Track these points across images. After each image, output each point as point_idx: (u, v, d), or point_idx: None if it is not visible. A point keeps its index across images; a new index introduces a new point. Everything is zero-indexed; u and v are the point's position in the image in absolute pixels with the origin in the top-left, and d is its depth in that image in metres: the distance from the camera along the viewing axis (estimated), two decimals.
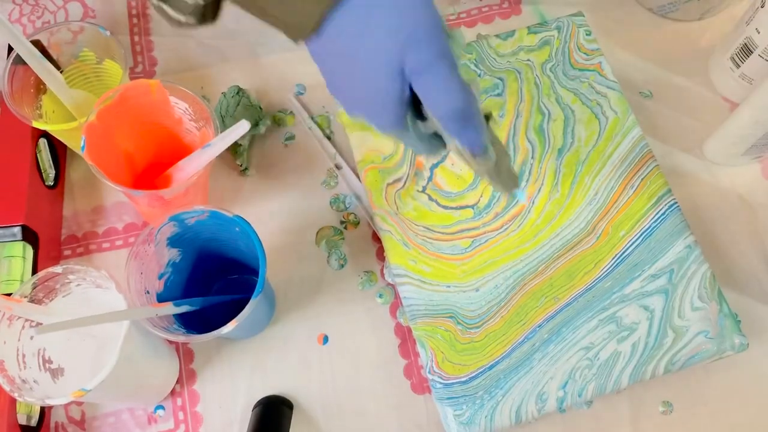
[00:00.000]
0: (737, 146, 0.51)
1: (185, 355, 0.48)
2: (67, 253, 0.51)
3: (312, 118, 0.55)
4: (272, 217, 0.52)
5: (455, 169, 0.49)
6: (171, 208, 0.41)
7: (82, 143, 0.41)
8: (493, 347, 0.44)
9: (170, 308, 0.39)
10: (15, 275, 0.46)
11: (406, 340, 0.48)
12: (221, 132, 0.42)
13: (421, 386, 0.47)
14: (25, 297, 0.38)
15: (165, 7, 0.34)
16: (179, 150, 0.47)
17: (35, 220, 0.47)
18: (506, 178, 0.37)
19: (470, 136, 0.33)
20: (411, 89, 0.32)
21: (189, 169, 0.44)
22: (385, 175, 0.49)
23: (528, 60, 0.51)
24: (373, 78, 0.32)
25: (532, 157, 0.49)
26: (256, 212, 0.51)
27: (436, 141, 0.36)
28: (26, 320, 0.38)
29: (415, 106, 0.34)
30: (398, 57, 0.31)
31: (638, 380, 0.43)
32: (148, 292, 0.40)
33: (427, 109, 0.33)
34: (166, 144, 0.48)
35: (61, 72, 0.47)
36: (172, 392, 0.47)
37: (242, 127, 0.41)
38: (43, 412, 0.45)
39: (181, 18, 0.35)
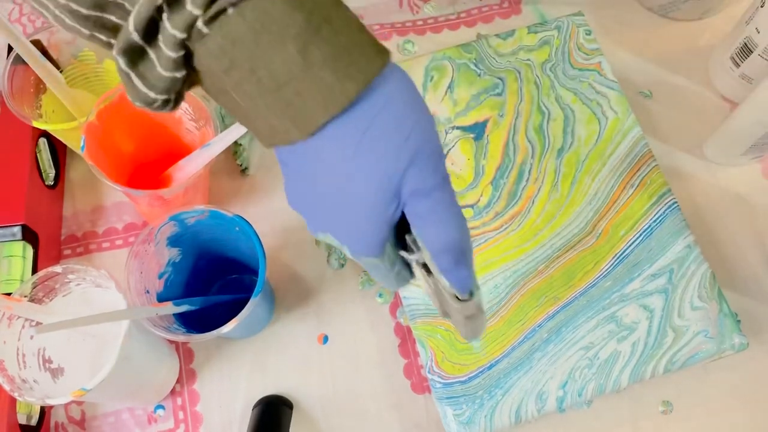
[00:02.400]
0: (737, 146, 0.51)
1: (185, 354, 0.48)
2: (67, 252, 0.51)
3: None
4: (272, 216, 0.52)
5: (455, 168, 0.49)
6: (171, 207, 0.41)
7: (81, 143, 0.41)
8: (493, 347, 0.44)
9: (170, 308, 0.39)
10: (15, 275, 0.46)
11: (406, 339, 0.48)
12: (221, 132, 0.42)
13: (421, 386, 0.47)
14: (25, 296, 0.38)
15: (134, 77, 0.27)
16: (180, 149, 0.47)
17: (35, 219, 0.47)
18: (476, 327, 0.33)
19: (462, 275, 0.29)
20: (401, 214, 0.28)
21: (188, 168, 0.44)
22: None
23: (528, 60, 0.51)
24: (365, 195, 0.27)
25: (532, 157, 0.49)
26: (256, 212, 0.51)
27: (405, 273, 0.32)
28: (26, 320, 0.38)
29: (396, 234, 0.30)
30: (399, 174, 0.27)
31: (638, 380, 0.43)
32: (148, 292, 0.40)
33: (420, 237, 0.29)
34: (166, 143, 0.48)
35: (61, 72, 0.47)
36: (172, 392, 0.47)
37: (240, 128, 0.41)
38: (43, 411, 0.45)
39: (151, 94, 0.27)
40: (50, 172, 0.51)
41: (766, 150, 0.51)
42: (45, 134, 0.50)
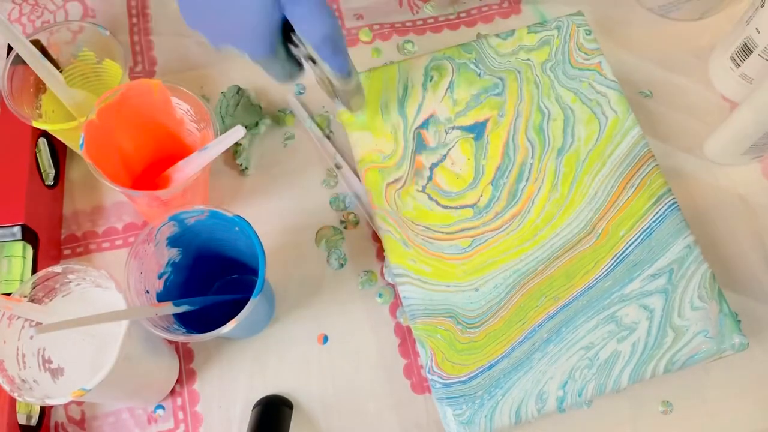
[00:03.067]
0: (737, 146, 0.51)
1: (185, 354, 0.48)
2: (66, 252, 0.51)
3: (312, 118, 0.55)
4: (272, 217, 0.52)
5: (455, 168, 0.49)
6: (170, 207, 0.41)
7: (80, 141, 0.41)
8: (493, 347, 0.44)
9: (170, 308, 0.39)
10: (15, 275, 0.46)
11: (406, 340, 0.48)
12: (220, 134, 0.42)
13: (421, 386, 0.47)
14: (25, 297, 0.38)
15: None
16: (181, 149, 0.47)
17: (35, 219, 0.47)
18: (358, 101, 0.45)
19: (339, 60, 0.38)
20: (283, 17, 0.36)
21: (187, 170, 0.44)
22: (385, 175, 0.49)
23: (528, 59, 0.51)
24: (251, 7, 0.35)
25: (532, 157, 0.49)
26: (256, 212, 0.51)
27: (295, 67, 0.40)
28: (26, 320, 0.38)
29: (283, 34, 0.38)
30: None
31: (638, 380, 0.43)
32: (147, 292, 0.40)
33: (301, 35, 0.37)
34: (167, 143, 0.48)
35: (60, 72, 0.47)
36: (172, 392, 0.47)
37: (237, 133, 0.41)
38: (43, 411, 0.45)
39: None
40: (50, 172, 0.51)
41: (766, 150, 0.51)
42: (45, 134, 0.50)
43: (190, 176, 0.43)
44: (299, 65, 0.40)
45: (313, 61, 0.39)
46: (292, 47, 0.39)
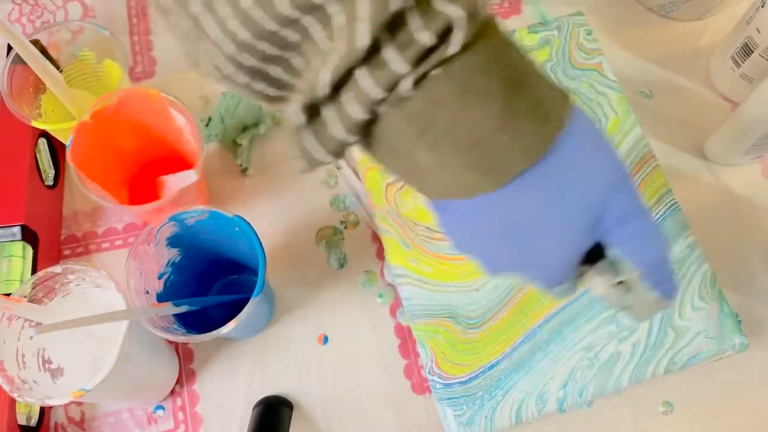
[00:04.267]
0: (737, 146, 0.51)
1: (185, 355, 0.48)
2: (66, 253, 0.51)
3: None
4: (272, 217, 0.52)
5: None
6: (164, 213, 0.41)
7: (68, 142, 0.41)
8: (494, 347, 0.44)
9: (170, 308, 0.39)
10: (14, 275, 0.46)
11: (406, 340, 0.48)
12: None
13: (421, 386, 0.47)
14: (25, 297, 0.38)
15: (306, 135, 0.25)
16: (181, 151, 0.47)
17: (35, 219, 0.47)
18: (653, 311, 0.34)
19: (668, 283, 0.30)
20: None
21: (173, 187, 0.44)
22: (385, 175, 0.49)
23: None
24: (568, 234, 0.27)
25: None
26: (256, 212, 0.51)
27: (575, 287, 0.32)
28: (26, 320, 0.38)
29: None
30: (601, 205, 0.26)
31: (639, 380, 0.43)
32: (147, 292, 0.40)
33: (629, 259, 0.29)
34: (167, 143, 0.48)
35: (60, 72, 0.47)
36: (172, 392, 0.47)
37: (189, 177, 0.43)
38: (43, 412, 0.45)
39: (318, 156, 0.25)
40: (50, 172, 0.51)
41: (766, 150, 0.51)
42: (44, 134, 0.50)
43: (173, 194, 0.42)
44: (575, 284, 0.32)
45: (620, 282, 0.31)
46: (586, 268, 0.31)
